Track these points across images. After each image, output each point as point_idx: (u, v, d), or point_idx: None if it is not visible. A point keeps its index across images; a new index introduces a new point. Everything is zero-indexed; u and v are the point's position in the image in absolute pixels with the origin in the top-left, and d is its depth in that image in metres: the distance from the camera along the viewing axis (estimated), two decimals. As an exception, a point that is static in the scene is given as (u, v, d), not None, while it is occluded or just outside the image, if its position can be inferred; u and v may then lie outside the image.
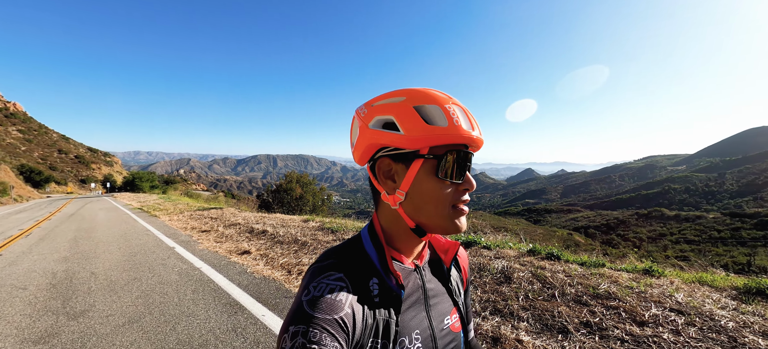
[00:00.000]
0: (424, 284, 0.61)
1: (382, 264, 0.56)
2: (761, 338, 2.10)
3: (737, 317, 2.34)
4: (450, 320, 0.62)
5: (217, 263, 4.87)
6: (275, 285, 3.83)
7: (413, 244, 0.60)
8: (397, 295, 0.55)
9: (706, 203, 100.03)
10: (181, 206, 14.47)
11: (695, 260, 4.48)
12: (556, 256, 3.83)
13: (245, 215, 9.92)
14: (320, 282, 0.50)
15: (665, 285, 2.94)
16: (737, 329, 2.20)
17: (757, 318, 2.32)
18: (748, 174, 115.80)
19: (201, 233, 7.38)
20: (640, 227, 68.12)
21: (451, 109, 0.52)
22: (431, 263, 0.66)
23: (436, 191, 0.52)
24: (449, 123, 0.51)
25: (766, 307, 2.49)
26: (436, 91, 0.55)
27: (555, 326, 2.48)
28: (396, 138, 0.52)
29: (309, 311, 0.45)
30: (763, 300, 2.61)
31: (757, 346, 2.02)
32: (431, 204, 0.53)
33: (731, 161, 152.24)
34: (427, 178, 0.53)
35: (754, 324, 2.24)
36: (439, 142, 0.51)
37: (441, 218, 0.53)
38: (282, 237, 6.05)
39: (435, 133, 0.50)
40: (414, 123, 0.51)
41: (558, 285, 3.05)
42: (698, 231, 59.36)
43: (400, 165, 0.55)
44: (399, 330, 0.53)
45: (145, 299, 3.58)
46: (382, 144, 0.54)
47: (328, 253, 0.57)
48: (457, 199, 0.54)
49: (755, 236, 51.49)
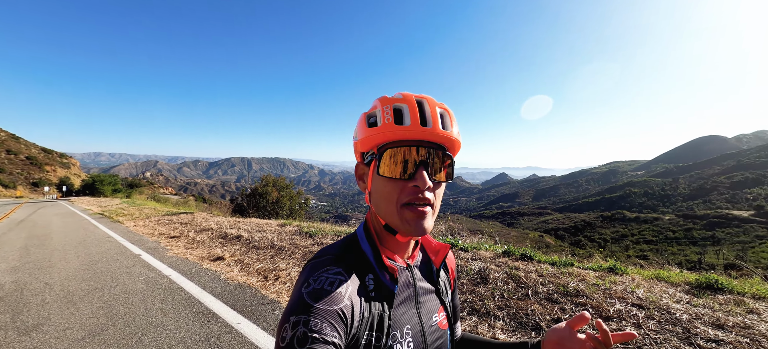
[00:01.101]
0: (414, 282, 0.64)
1: (377, 260, 0.60)
2: (710, 328, 2.29)
3: (690, 310, 2.54)
4: (438, 318, 0.65)
5: (188, 270, 4.65)
6: (251, 292, 3.71)
7: (400, 243, 0.63)
8: (390, 290, 0.58)
9: (662, 205, 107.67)
10: (148, 210, 13.69)
11: (653, 259, 4.82)
12: (529, 257, 3.99)
13: (218, 219, 9.55)
14: (320, 275, 0.52)
15: (627, 282, 3.14)
16: (690, 321, 2.38)
17: (707, 310, 2.53)
18: (698, 179, 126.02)
19: (170, 239, 7.01)
20: (605, 228, 72.16)
21: (387, 109, 0.56)
22: (422, 263, 0.70)
23: (381, 189, 0.57)
24: (382, 122, 0.55)
25: (714, 300, 2.72)
26: (394, 95, 0.58)
27: (529, 324, 2.58)
28: (358, 144, 0.61)
29: (310, 302, 0.47)
30: (711, 294, 2.85)
31: (707, 335, 2.21)
32: (382, 202, 0.57)
33: (684, 167, 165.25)
34: (376, 177, 0.57)
35: (704, 315, 2.44)
36: (378, 141, 0.57)
37: (390, 216, 0.56)
38: (258, 242, 5.87)
39: (372, 134, 0.56)
40: (362, 128, 0.59)
41: (531, 284, 3.17)
42: (656, 232, 63.74)
43: (366, 168, 0.61)
44: (391, 324, 0.56)
45: (107, 310, 3.35)
46: (359, 150, 0.62)
47: (326, 250, 0.60)
48: (404, 196, 0.54)
49: (705, 235, 56.02)
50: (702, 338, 2.19)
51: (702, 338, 2.19)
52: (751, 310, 2.51)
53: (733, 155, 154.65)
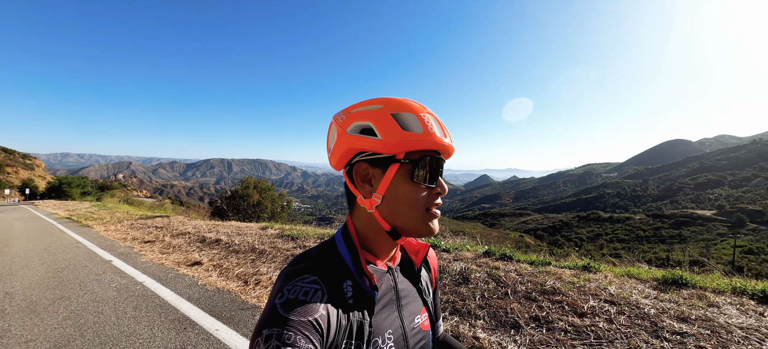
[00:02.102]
0: (396, 285, 0.63)
1: (356, 266, 0.58)
2: (675, 321, 2.42)
3: (657, 305, 2.68)
4: (420, 319, 0.65)
5: (164, 276, 4.48)
6: (230, 297, 3.61)
7: (387, 246, 0.62)
8: (370, 296, 0.56)
9: (633, 206, 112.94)
10: (120, 214, 13.07)
11: (625, 257, 5.05)
12: (509, 256, 4.09)
13: (196, 223, 9.24)
14: (294, 285, 0.49)
15: (601, 279, 3.27)
16: (657, 315, 2.52)
17: (673, 304, 2.67)
18: (666, 180, 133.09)
19: (144, 244, 6.72)
20: (581, 228, 74.91)
21: (425, 117, 0.55)
22: (402, 264, 0.69)
23: (412, 195, 0.55)
24: (424, 130, 0.54)
25: (679, 295, 2.88)
26: (411, 101, 0.58)
27: (508, 322, 2.65)
28: (374, 143, 0.54)
29: (283, 314, 0.45)
30: (677, 289, 3.02)
31: (672, 328, 2.33)
32: (406, 207, 0.55)
33: (653, 169, 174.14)
34: (403, 182, 0.55)
35: (670, 309, 2.59)
36: (414, 147, 0.54)
37: (416, 221, 0.56)
38: (238, 246, 5.73)
39: (411, 139, 0.53)
40: (391, 129, 0.54)
41: (510, 284, 3.25)
42: (628, 231, 66.75)
43: (377, 170, 0.57)
44: (372, 331, 0.54)
45: (75, 319, 3.17)
46: (360, 149, 0.56)
47: (301, 257, 0.57)
48: (430, 202, 0.57)
49: (672, 234, 59.17)
50: (668, 331, 2.32)
51: (668, 331, 2.32)
52: (711, 303, 2.68)
53: (697, 158, 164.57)
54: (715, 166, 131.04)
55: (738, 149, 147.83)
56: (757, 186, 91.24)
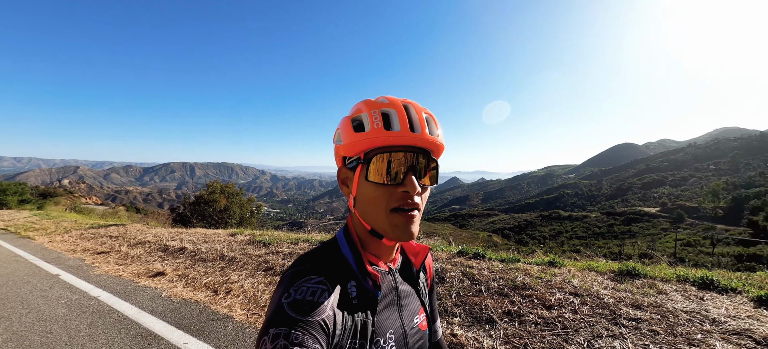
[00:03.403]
0: (396, 285, 0.65)
1: (359, 266, 0.59)
2: (631, 308, 2.65)
3: (615, 294, 2.91)
4: (418, 319, 0.67)
5: (122, 289, 4.15)
6: (199, 308, 3.43)
7: (384, 247, 0.62)
8: (373, 296, 0.57)
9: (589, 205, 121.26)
10: (67, 223, 11.90)
11: (584, 252, 5.43)
12: (481, 255, 4.25)
13: (157, 231, 8.64)
14: (301, 285, 0.50)
15: (565, 273, 3.49)
16: (615, 304, 2.73)
17: (628, 294, 2.92)
18: (617, 181, 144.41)
19: (97, 255, 6.18)
20: (544, 226, 79.20)
21: (374, 114, 0.55)
22: (402, 265, 0.70)
23: (370, 195, 0.56)
24: (371, 128, 0.55)
25: (633, 284, 3.15)
26: (377, 99, 0.58)
27: (483, 318, 2.75)
28: (342, 148, 0.59)
29: (291, 314, 0.45)
30: (631, 279, 3.29)
31: (628, 315, 2.55)
32: (369, 207, 0.57)
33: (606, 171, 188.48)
34: (363, 182, 0.57)
35: (626, 298, 2.82)
36: (366, 147, 0.55)
37: (379, 221, 0.56)
38: (205, 254, 5.44)
39: (359, 139, 0.55)
40: (347, 133, 0.57)
41: (484, 281, 3.38)
42: (585, 228, 71.56)
43: (350, 172, 0.60)
44: (375, 330, 0.55)
45: (18, 342, 2.85)
46: (341, 154, 0.61)
47: (305, 257, 0.58)
48: (393, 201, 0.54)
49: (623, 230, 64.22)
50: (625, 318, 2.53)
51: (625, 318, 2.53)
52: (660, 291, 2.96)
53: (643, 160, 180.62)
54: (658, 167, 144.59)
55: (677, 152, 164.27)
56: (693, 185, 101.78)
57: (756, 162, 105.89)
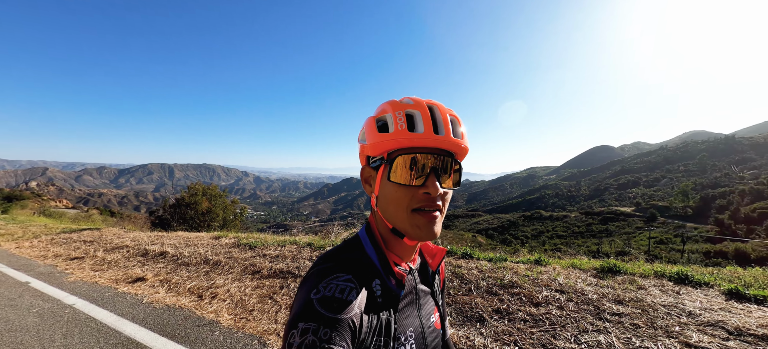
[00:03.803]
0: (416, 285, 0.66)
1: (384, 265, 0.60)
2: (614, 304, 2.75)
3: (598, 290, 3.02)
4: (434, 318, 0.69)
5: (99, 296, 3.96)
6: (183, 314, 3.32)
7: (405, 246, 0.63)
8: (396, 295, 0.59)
9: (569, 205, 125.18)
10: (36, 228, 11.25)
11: (565, 251, 5.60)
12: (470, 255, 4.31)
13: (135, 235, 8.30)
14: (330, 283, 0.50)
15: (550, 271, 3.59)
16: (599, 300, 2.83)
17: (610, 289, 3.03)
18: (594, 181, 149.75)
19: (70, 261, 5.88)
20: (526, 226, 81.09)
21: (399, 115, 0.56)
22: (420, 266, 0.72)
23: (392, 195, 0.57)
24: (395, 129, 0.56)
25: (614, 281, 3.27)
26: (407, 100, 0.59)
27: (473, 316, 2.79)
28: (366, 148, 0.61)
29: (320, 310, 0.46)
30: (612, 275, 3.42)
31: (611, 310, 2.65)
32: (391, 207, 0.57)
33: (584, 172, 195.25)
34: (385, 182, 0.58)
35: (609, 294, 2.93)
36: (389, 147, 0.57)
37: (400, 221, 0.57)
38: (188, 258, 5.27)
39: (383, 140, 0.56)
40: (371, 133, 0.59)
41: (473, 280, 3.43)
42: (565, 227, 73.77)
43: (373, 171, 0.61)
44: (397, 328, 0.57)
45: (-16, 354, 2.68)
46: (365, 154, 0.62)
47: (328, 256, 0.58)
48: (415, 202, 0.55)
49: (601, 229, 66.59)
50: (608, 312, 2.63)
51: (608, 312, 2.63)
52: (640, 286, 3.09)
53: (619, 162, 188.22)
54: (632, 168, 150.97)
55: (649, 154, 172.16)
56: (664, 186, 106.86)
57: (721, 164, 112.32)
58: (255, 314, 3.21)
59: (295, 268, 4.31)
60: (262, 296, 3.62)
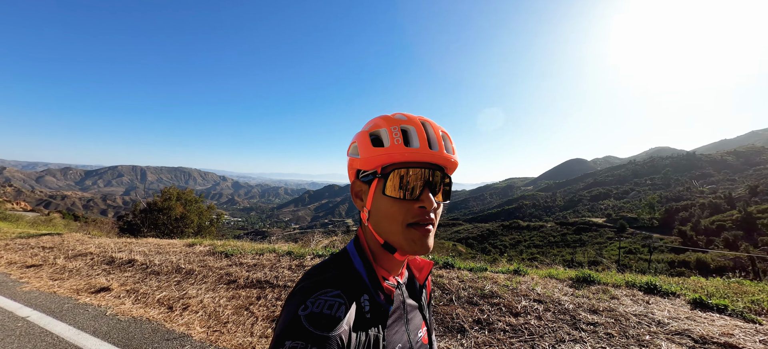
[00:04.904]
0: (404, 299, 0.65)
1: (372, 280, 0.59)
2: (589, 313, 2.83)
3: (574, 300, 3.10)
4: (421, 333, 0.68)
5: (57, 307, 3.68)
6: (151, 326, 3.13)
7: (394, 261, 0.62)
8: (385, 310, 0.58)
9: (545, 215, 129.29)
10: (-12, 233, 10.39)
11: (542, 260, 5.75)
12: (451, 264, 4.33)
13: (100, 241, 7.82)
14: (318, 298, 0.49)
15: (529, 281, 3.66)
16: (575, 309, 2.91)
17: (586, 299, 3.12)
18: (569, 193, 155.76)
19: (26, 269, 5.45)
20: (505, 235, 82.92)
21: (394, 130, 0.57)
22: (408, 280, 0.71)
23: (386, 209, 0.56)
24: (390, 143, 0.56)
25: (589, 290, 3.37)
26: (393, 115, 0.59)
27: (454, 327, 2.79)
28: (357, 161, 0.60)
29: (308, 327, 0.45)
30: (587, 285, 3.53)
31: (587, 320, 2.72)
32: (384, 221, 0.57)
33: (560, 183, 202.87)
34: (379, 196, 0.57)
35: (584, 304, 3.01)
36: (384, 161, 0.57)
37: (394, 235, 0.56)
38: (158, 266, 5.01)
39: (378, 154, 0.57)
40: (365, 147, 0.58)
41: (454, 290, 3.44)
42: (542, 237, 76.00)
43: (365, 185, 0.61)
44: (385, 344, 0.56)
45: None
46: (355, 167, 0.62)
47: (317, 270, 0.57)
48: (410, 217, 0.56)
49: (575, 239, 69.08)
50: (584, 322, 2.70)
51: (584, 322, 2.70)
52: (613, 296, 3.20)
53: (592, 174, 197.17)
54: (604, 181, 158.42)
55: (619, 168, 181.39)
56: (633, 198, 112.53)
57: (684, 178, 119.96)
58: (229, 326, 3.07)
59: (274, 277, 4.18)
60: (238, 307, 3.48)
